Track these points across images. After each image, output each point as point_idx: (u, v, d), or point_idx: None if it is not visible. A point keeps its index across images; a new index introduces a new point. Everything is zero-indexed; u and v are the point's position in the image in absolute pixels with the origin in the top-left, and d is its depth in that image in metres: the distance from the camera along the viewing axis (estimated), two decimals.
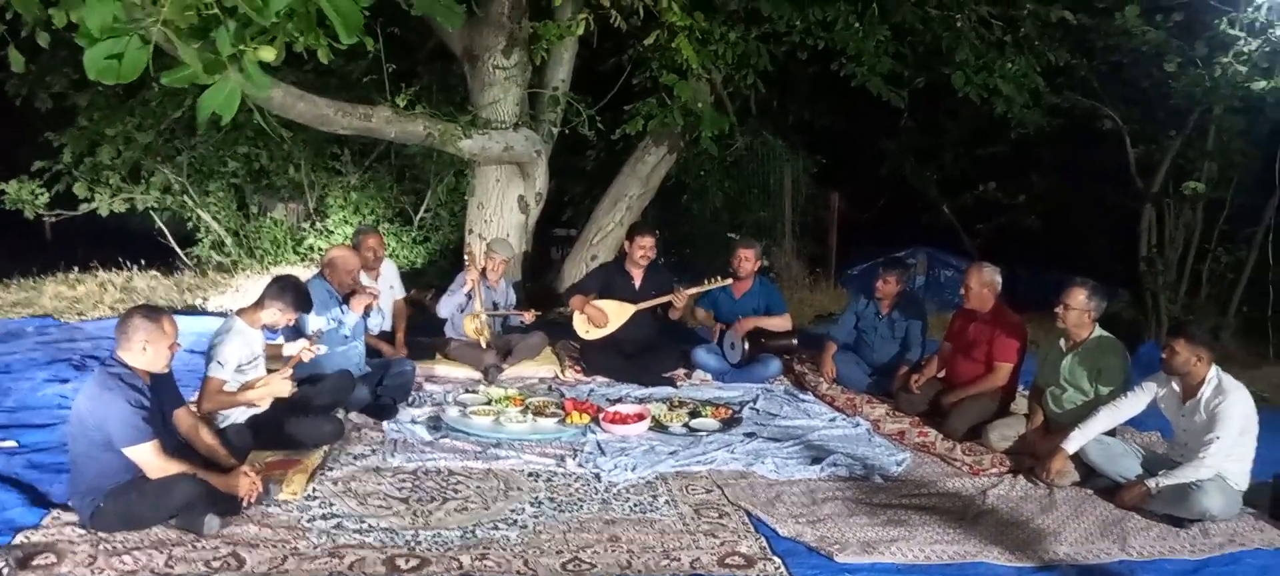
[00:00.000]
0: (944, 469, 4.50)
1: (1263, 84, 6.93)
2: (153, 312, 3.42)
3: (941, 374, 5.39)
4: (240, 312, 4.33)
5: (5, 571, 2.95)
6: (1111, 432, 4.34)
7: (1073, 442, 4.17)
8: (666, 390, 5.67)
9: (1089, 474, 4.22)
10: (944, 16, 7.32)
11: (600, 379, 5.89)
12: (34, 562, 3.03)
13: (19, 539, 3.22)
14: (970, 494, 4.14)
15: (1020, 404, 5.10)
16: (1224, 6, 7.15)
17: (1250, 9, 6.98)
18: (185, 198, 9.48)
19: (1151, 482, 3.92)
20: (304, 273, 8.15)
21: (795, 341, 6.17)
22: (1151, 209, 8.50)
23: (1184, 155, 8.19)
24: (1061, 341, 4.63)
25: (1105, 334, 4.56)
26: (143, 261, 9.04)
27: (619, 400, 5.32)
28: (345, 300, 5.05)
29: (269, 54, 2.34)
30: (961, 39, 7.28)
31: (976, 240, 10.95)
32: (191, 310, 7.56)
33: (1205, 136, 7.94)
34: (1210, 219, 8.33)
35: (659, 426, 4.81)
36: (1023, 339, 5.12)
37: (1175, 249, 8.36)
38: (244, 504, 3.46)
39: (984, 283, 5.17)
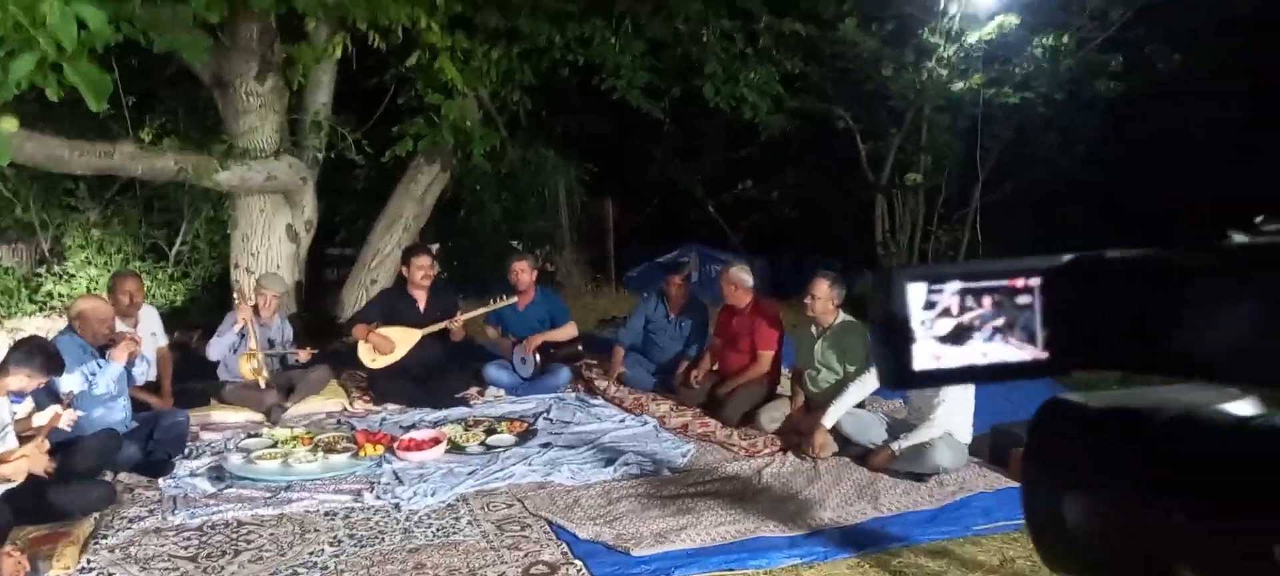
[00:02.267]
0: (724, 454, 4.90)
1: (960, 85, 8.00)
2: None
3: (715, 367, 5.84)
4: None
5: None
6: (861, 405, 4.92)
7: (829, 417, 4.70)
8: (461, 410, 5.74)
9: (845, 444, 4.76)
10: (691, 31, 7.84)
11: (392, 406, 5.85)
12: None
13: None
14: (748, 475, 4.56)
15: (786, 386, 5.64)
16: (926, 17, 8.18)
17: (946, 19, 8.03)
18: None
19: (894, 446, 4.49)
20: (46, 324, 7.46)
21: (581, 347, 6.43)
22: (883, 198, 9.55)
23: (904, 149, 9.27)
24: (812, 328, 5.18)
25: (848, 318, 5.15)
26: None
27: (413, 426, 5.33)
28: (101, 352, 4.72)
29: (12, 125, 2.25)
30: (709, 52, 7.84)
31: (741, 234, 11.77)
32: None
33: (920, 132, 9.04)
34: (930, 204, 9.49)
35: (456, 448, 4.88)
36: (779, 327, 5.66)
37: (905, 232, 9.46)
38: None
39: (733, 282, 5.69)
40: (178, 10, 5.46)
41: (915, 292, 0.62)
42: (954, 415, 4.47)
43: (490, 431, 5.10)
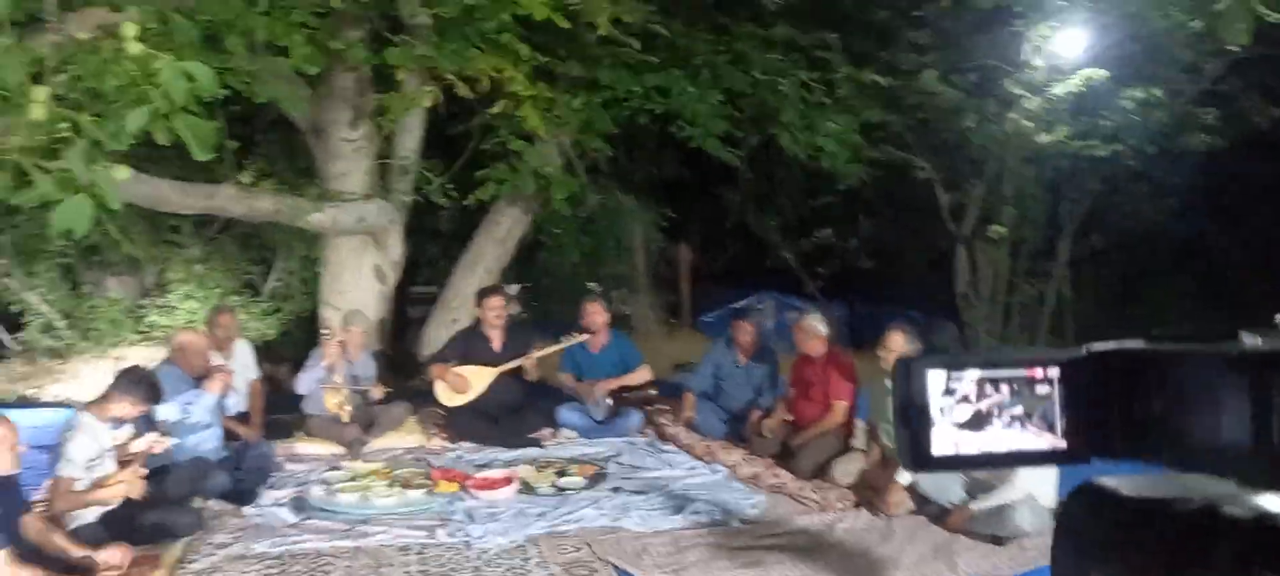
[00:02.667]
0: (796, 507, 4.85)
1: (1045, 137, 7.84)
2: None
3: (789, 417, 5.79)
4: (86, 407, 4.21)
5: None
6: None
7: (904, 474, 4.61)
8: (534, 451, 5.83)
9: (922, 501, 4.65)
10: (769, 81, 7.90)
11: (467, 444, 5.97)
12: None
13: None
14: (819, 529, 4.50)
15: (861, 439, 5.56)
16: (1009, 66, 8.06)
17: (1030, 70, 7.90)
18: (8, 280, 8.90)
19: (973, 506, 4.38)
20: (148, 353, 7.86)
21: (655, 392, 6.46)
22: (964, 249, 9.38)
23: (987, 200, 9.10)
24: (887, 380, 5.11)
25: None
26: None
27: (487, 465, 5.43)
28: (197, 382, 4.96)
29: (123, 173, 2.43)
30: (786, 101, 7.87)
31: (817, 282, 11.69)
32: (25, 402, 7.11)
33: (1003, 183, 8.87)
34: (1015, 257, 9.28)
35: (527, 488, 4.95)
36: (854, 378, 5.59)
37: (987, 285, 9.25)
38: None
39: (806, 331, 5.65)
40: (278, 63, 5.80)
41: (935, 379, 0.65)
42: (1037, 477, 4.34)
43: (562, 473, 5.16)
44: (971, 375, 0.65)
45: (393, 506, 4.66)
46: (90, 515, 3.95)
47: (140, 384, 4.23)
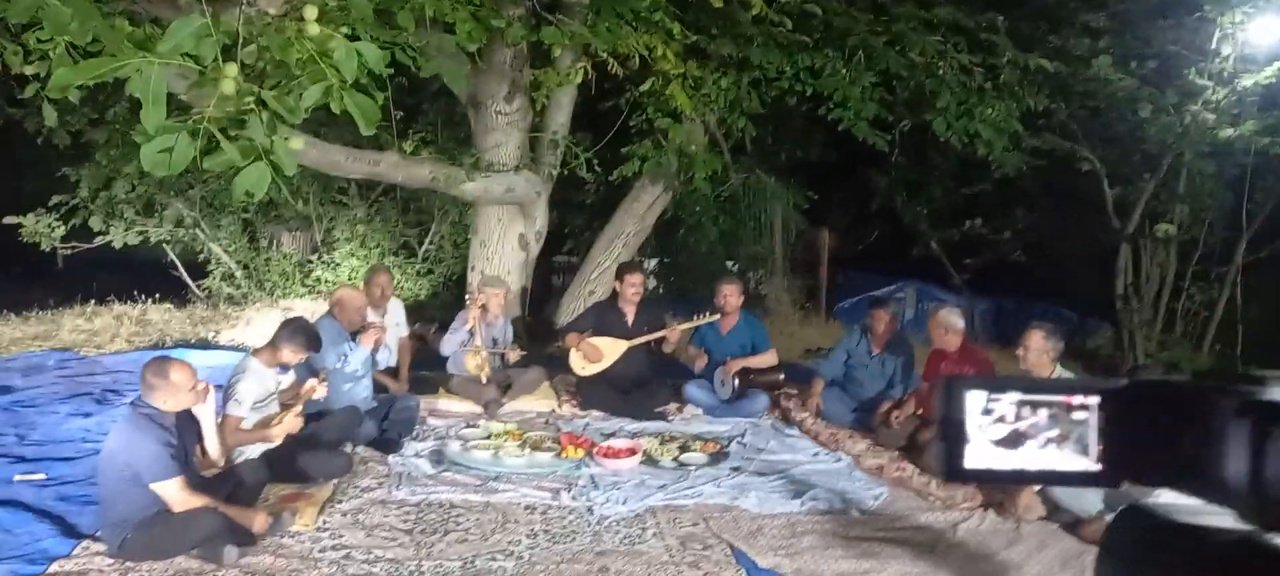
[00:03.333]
0: (919, 503, 4.74)
1: (1230, 132, 7.24)
2: (161, 369, 3.64)
3: (920, 411, 5.66)
4: (255, 353, 4.62)
5: None
6: None
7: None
8: (659, 424, 5.94)
9: (1054, 509, 4.46)
10: (927, 64, 7.64)
11: (596, 413, 6.16)
12: None
13: (52, 568, 3.49)
14: (941, 527, 4.40)
15: None
16: (1193, 55, 7.48)
17: (1218, 60, 7.30)
18: (197, 230, 9.81)
19: (1109, 518, 4.17)
20: (312, 306, 8.50)
21: (782, 376, 6.44)
22: (1128, 247, 8.81)
23: (1158, 197, 8.50)
24: None
25: (1067, 374, 4.84)
26: (157, 295, 9.35)
27: (613, 434, 5.59)
28: (353, 337, 5.33)
29: (298, 143, 2.65)
30: (944, 86, 7.60)
31: (965, 274, 11.26)
32: (205, 343, 7.85)
33: (1178, 179, 8.26)
34: (1184, 258, 8.64)
35: (650, 460, 5.07)
36: (990, 375, 5.39)
37: (1150, 287, 8.66)
38: (258, 534, 3.74)
39: (943, 325, 5.49)
40: (443, 39, 6.11)
41: (974, 399, 0.70)
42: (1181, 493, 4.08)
43: (684, 448, 5.25)
44: (1011, 398, 0.70)
45: (522, 466, 4.88)
46: (253, 451, 4.35)
47: (302, 333, 4.60)
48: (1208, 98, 7.34)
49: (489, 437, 5.25)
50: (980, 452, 0.70)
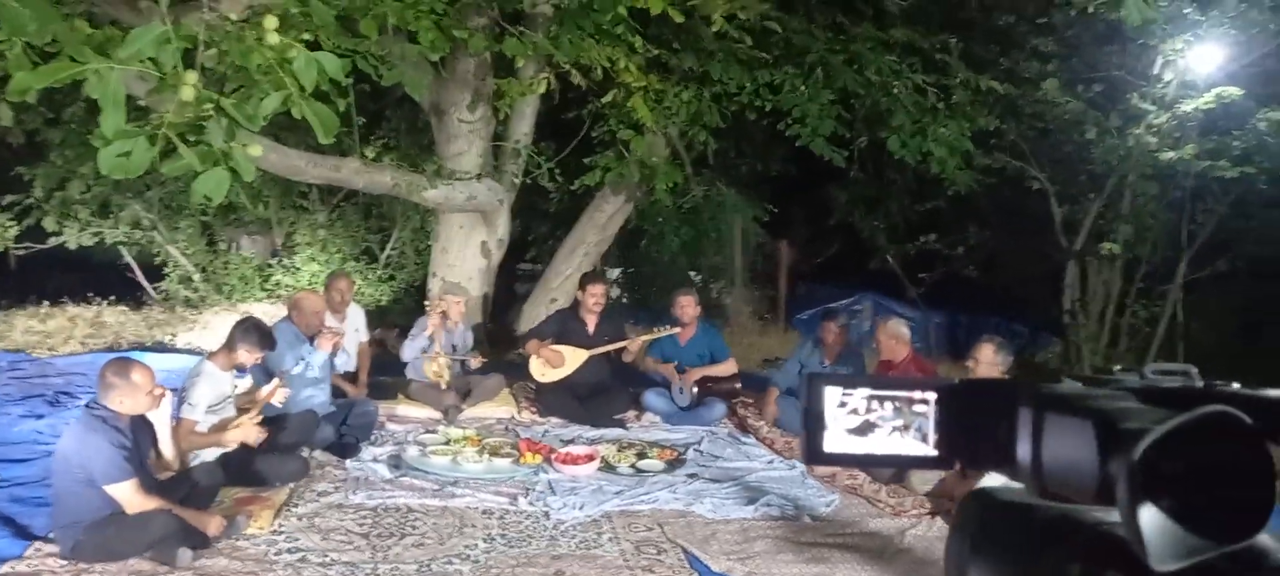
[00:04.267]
0: (869, 509, 4.87)
1: (1171, 155, 7.51)
2: (123, 369, 3.66)
3: None
4: (210, 356, 4.63)
5: None
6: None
7: (984, 484, 4.57)
8: (617, 431, 6.02)
9: None
10: (883, 83, 7.82)
11: (555, 420, 6.22)
12: None
13: (4, 570, 3.47)
14: (890, 533, 4.52)
15: None
16: (1137, 81, 7.75)
17: (1160, 85, 7.58)
18: (154, 233, 9.70)
19: None
20: (271, 309, 8.45)
21: (739, 385, 6.56)
22: (1076, 265, 9.07)
23: (1103, 216, 8.77)
24: None
25: None
26: (113, 297, 9.23)
27: (572, 441, 5.65)
28: (311, 341, 5.34)
29: (257, 149, 2.70)
30: (898, 104, 7.78)
31: (920, 288, 11.49)
32: (161, 347, 7.78)
33: (1122, 199, 8.53)
34: (1129, 276, 8.92)
35: (608, 466, 5.15)
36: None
37: (1096, 303, 8.93)
38: (213, 537, 3.74)
39: (891, 335, 5.65)
40: (406, 48, 6.15)
41: (831, 394, 0.81)
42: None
43: (642, 455, 5.33)
44: (862, 392, 0.82)
45: (480, 472, 4.93)
46: (209, 455, 4.35)
47: (255, 332, 4.62)
48: (1150, 121, 7.61)
49: (448, 443, 5.29)
50: (836, 439, 0.81)
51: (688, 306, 6.47)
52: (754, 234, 10.85)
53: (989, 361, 4.95)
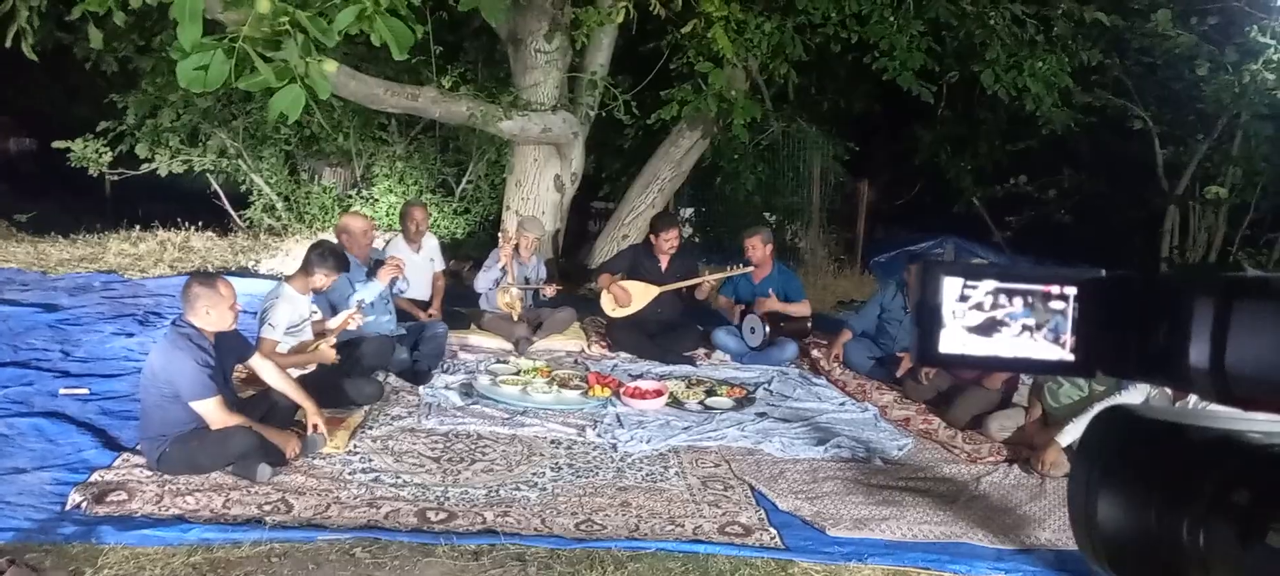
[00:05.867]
0: (943, 455, 4.72)
1: None
2: (209, 279, 3.78)
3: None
4: (288, 279, 4.71)
5: (83, 505, 3.34)
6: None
7: (1066, 435, 4.39)
8: (686, 368, 5.97)
9: None
10: (978, 13, 7.44)
11: (624, 355, 6.20)
12: (107, 498, 3.43)
13: (94, 477, 3.62)
14: (964, 480, 4.38)
15: (1022, 396, 5.31)
16: (1257, 13, 7.19)
17: None
18: (240, 161, 9.94)
19: None
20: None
21: (810, 325, 6.41)
22: (1176, 210, 8.58)
23: (1210, 159, 8.25)
24: None
25: None
26: (200, 222, 9.53)
27: (640, 376, 5.62)
28: (369, 269, 5.35)
29: (331, 66, 2.67)
30: (994, 36, 7.40)
31: (1006, 232, 11.06)
32: (244, 271, 8.00)
33: (1232, 141, 8.00)
34: (1233, 223, 8.40)
35: (676, 402, 5.11)
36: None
37: (1198, 250, 8.45)
38: (290, 456, 3.84)
39: None
40: None
41: (950, 286, 0.69)
42: None
43: (710, 392, 5.28)
44: (987, 285, 0.69)
45: (549, 402, 4.94)
46: (291, 375, 4.44)
47: (331, 255, 4.68)
48: (1269, 57, 7.07)
49: (518, 373, 5.31)
50: (955, 337, 0.69)
51: (755, 248, 6.30)
52: (835, 173, 10.55)
53: None
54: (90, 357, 5.28)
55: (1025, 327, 0.68)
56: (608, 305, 6.33)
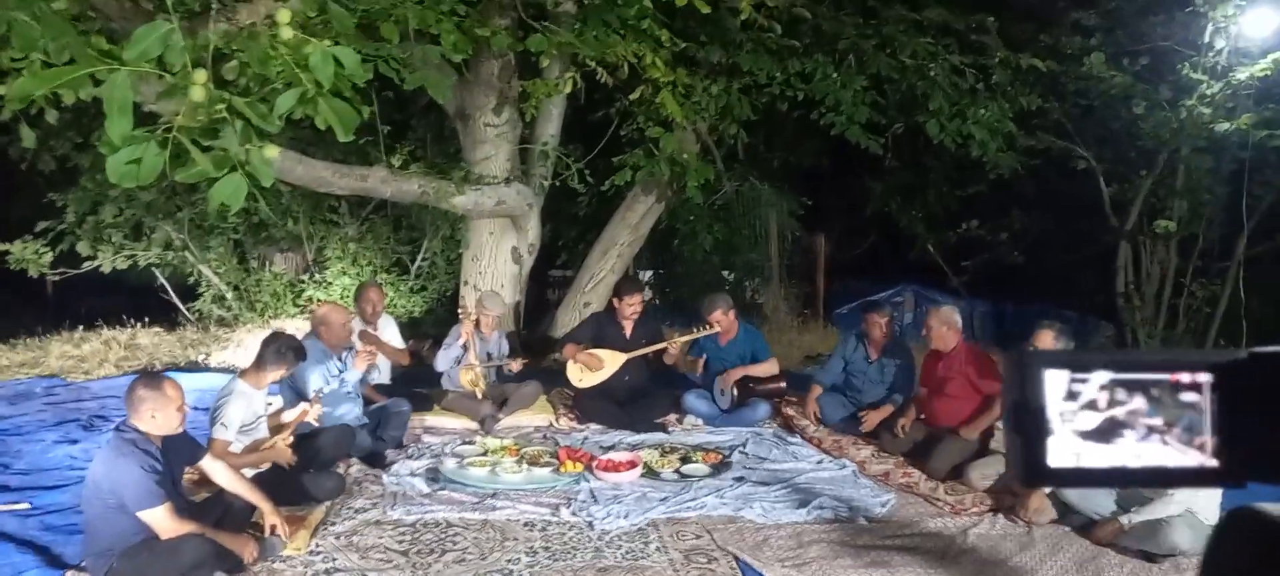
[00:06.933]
0: (927, 509, 4.65)
1: (1226, 125, 7.18)
2: (154, 381, 3.57)
3: (921, 416, 5.56)
4: (242, 374, 4.51)
5: None
6: None
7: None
8: (659, 436, 5.84)
9: (1065, 511, 4.37)
10: (918, 66, 7.58)
11: (594, 426, 6.05)
12: None
13: None
14: (952, 533, 4.30)
15: (1000, 442, 5.27)
16: (1186, 50, 7.43)
17: (1212, 54, 7.25)
18: (186, 253, 9.68)
19: (1124, 519, 4.07)
20: (304, 325, 8.37)
21: (783, 384, 6.34)
22: (1127, 245, 8.74)
23: (1156, 193, 8.44)
24: None
25: None
26: (146, 319, 9.22)
27: (612, 447, 5.49)
28: (340, 357, 5.20)
29: (273, 152, 2.55)
30: (936, 87, 7.54)
31: (963, 277, 11.19)
32: (195, 366, 7.73)
33: (1175, 175, 8.20)
34: (1184, 255, 8.57)
35: (651, 472, 4.97)
36: (998, 374, 5.31)
37: (1151, 284, 8.59)
38: (248, 562, 3.61)
39: (944, 322, 5.37)
40: (428, 50, 6.02)
41: (1054, 381, 0.57)
42: (1197, 492, 3.99)
43: (685, 459, 5.15)
44: (1100, 377, 0.57)
45: (520, 482, 4.77)
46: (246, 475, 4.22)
47: (288, 349, 4.50)
48: (1203, 92, 7.28)
49: (485, 454, 5.14)
50: (1065, 447, 0.57)
51: (719, 319, 6.22)
52: (789, 228, 10.61)
53: (1049, 348, 4.69)
54: (31, 469, 4.99)
55: (1152, 430, 0.57)
56: (575, 376, 6.20)
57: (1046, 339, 4.70)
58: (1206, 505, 4.03)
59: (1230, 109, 7.29)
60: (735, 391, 6.10)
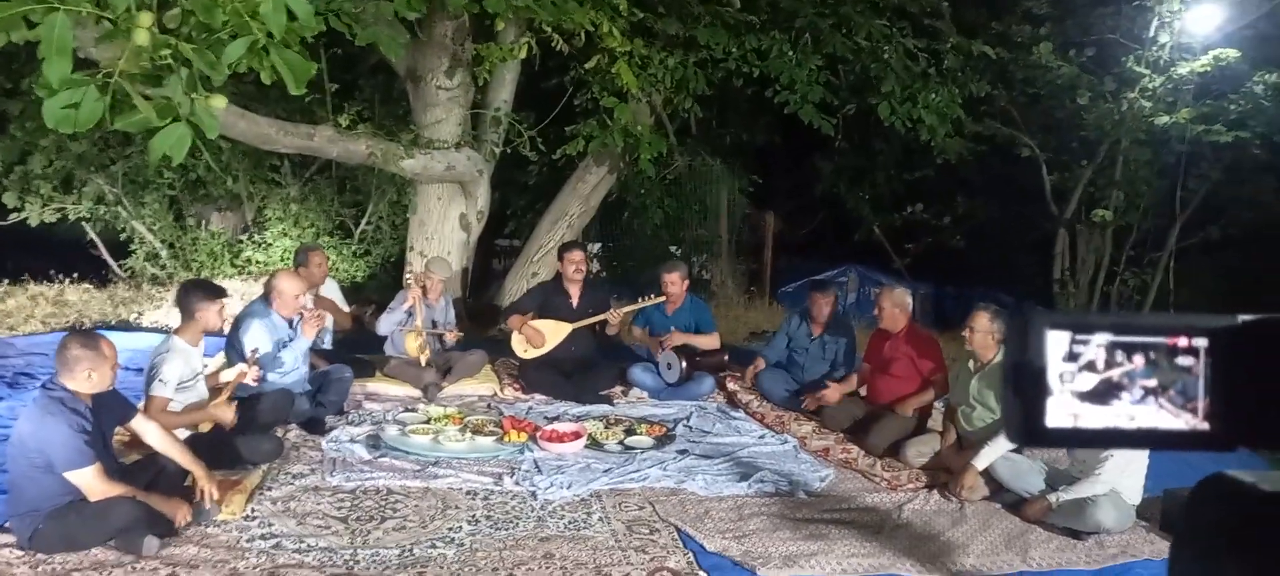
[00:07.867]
0: (864, 484, 4.73)
1: (1166, 119, 7.39)
2: (90, 338, 3.46)
3: (862, 392, 5.65)
4: (176, 331, 4.39)
5: None
6: (1018, 450, 4.62)
7: (982, 459, 4.44)
8: (604, 408, 5.84)
9: (997, 489, 4.48)
10: (872, 48, 7.64)
11: (539, 397, 6.02)
12: None
13: None
14: (887, 508, 4.39)
15: (937, 421, 5.39)
16: (1131, 44, 7.61)
17: (1155, 48, 7.44)
18: (119, 208, 9.37)
19: (1052, 497, 4.19)
20: (242, 287, 8.17)
21: (726, 357, 6.39)
22: (1065, 233, 8.97)
23: (1094, 183, 8.67)
24: (970, 362, 4.91)
25: None
26: (75, 274, 8.91)
27: (557, 418, 5.47)
28: (290, 324, 5.07)
29: (220, 102, 2.47)
30: (889, 70, 7.61)
31: (906, 259, 11.37)
32: (126, 326, 7.49)
33: (1114, 166, 8.42)
34: (1119, 244, 8.82)
35: (595, 444, 4.96)
36: (940, 357, 5.42)
37: (1086, 271, 8.84)
38: (180, 525, 3.52)
39: (895, 303, 5.46)
40: (380, 6, 5.87)
41: (1056, 341, 0.57)
42: (1124, 472, 4.13)
43: (630, 431, 5.16)
44: (1101, 339, 0.57)
45: (462, 451, 4.73)
46: (179, 435, 4.11)
47: (200, 289, 4.41)
48: (1145, 85, 7.48)
49: (428, 422, 5.08)
50: (1062, 408, 0.57)
51: (674, 282, 6.27)
52: (739, 205, 10.66)
53: (985, 330, 4.79)
54: None
55: (1147, 392, 0.57)
56: (519, 347, 6.16)
57: (982, 320, 4.79)
58: (1131, 485, 4.17)
59: (1171, 103, 7.50)
60: (682, 364, 6.13)
